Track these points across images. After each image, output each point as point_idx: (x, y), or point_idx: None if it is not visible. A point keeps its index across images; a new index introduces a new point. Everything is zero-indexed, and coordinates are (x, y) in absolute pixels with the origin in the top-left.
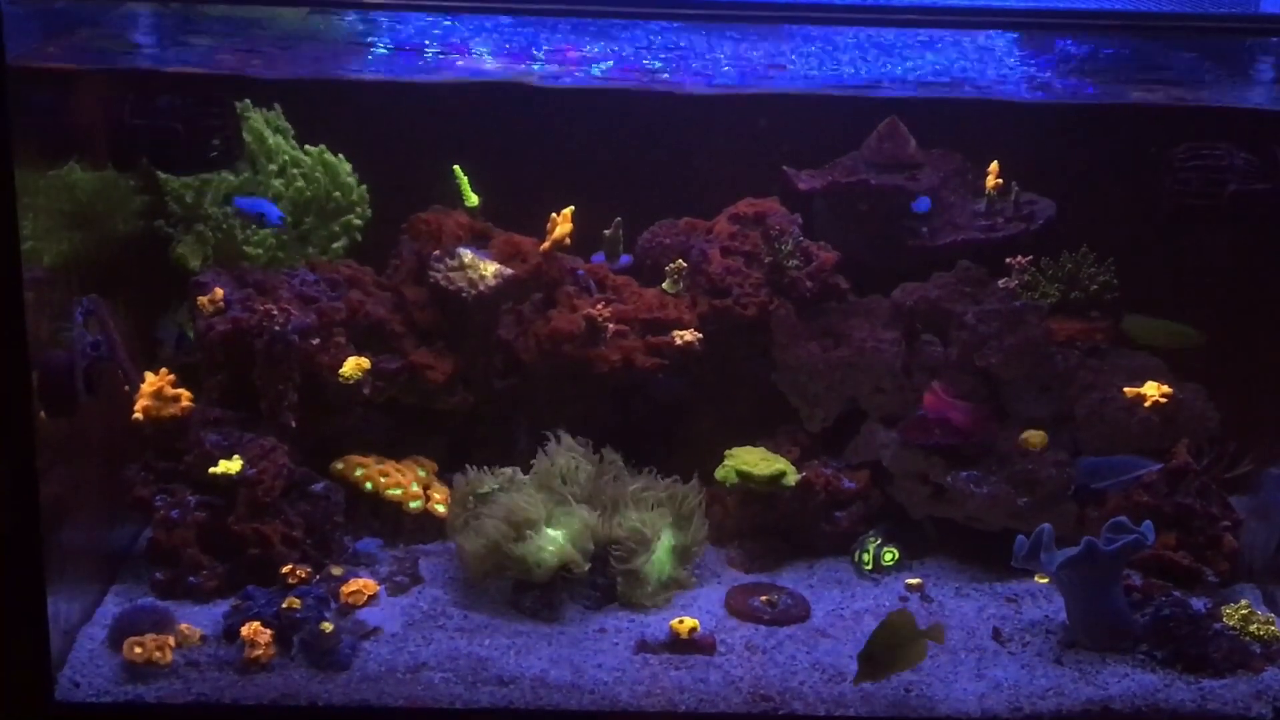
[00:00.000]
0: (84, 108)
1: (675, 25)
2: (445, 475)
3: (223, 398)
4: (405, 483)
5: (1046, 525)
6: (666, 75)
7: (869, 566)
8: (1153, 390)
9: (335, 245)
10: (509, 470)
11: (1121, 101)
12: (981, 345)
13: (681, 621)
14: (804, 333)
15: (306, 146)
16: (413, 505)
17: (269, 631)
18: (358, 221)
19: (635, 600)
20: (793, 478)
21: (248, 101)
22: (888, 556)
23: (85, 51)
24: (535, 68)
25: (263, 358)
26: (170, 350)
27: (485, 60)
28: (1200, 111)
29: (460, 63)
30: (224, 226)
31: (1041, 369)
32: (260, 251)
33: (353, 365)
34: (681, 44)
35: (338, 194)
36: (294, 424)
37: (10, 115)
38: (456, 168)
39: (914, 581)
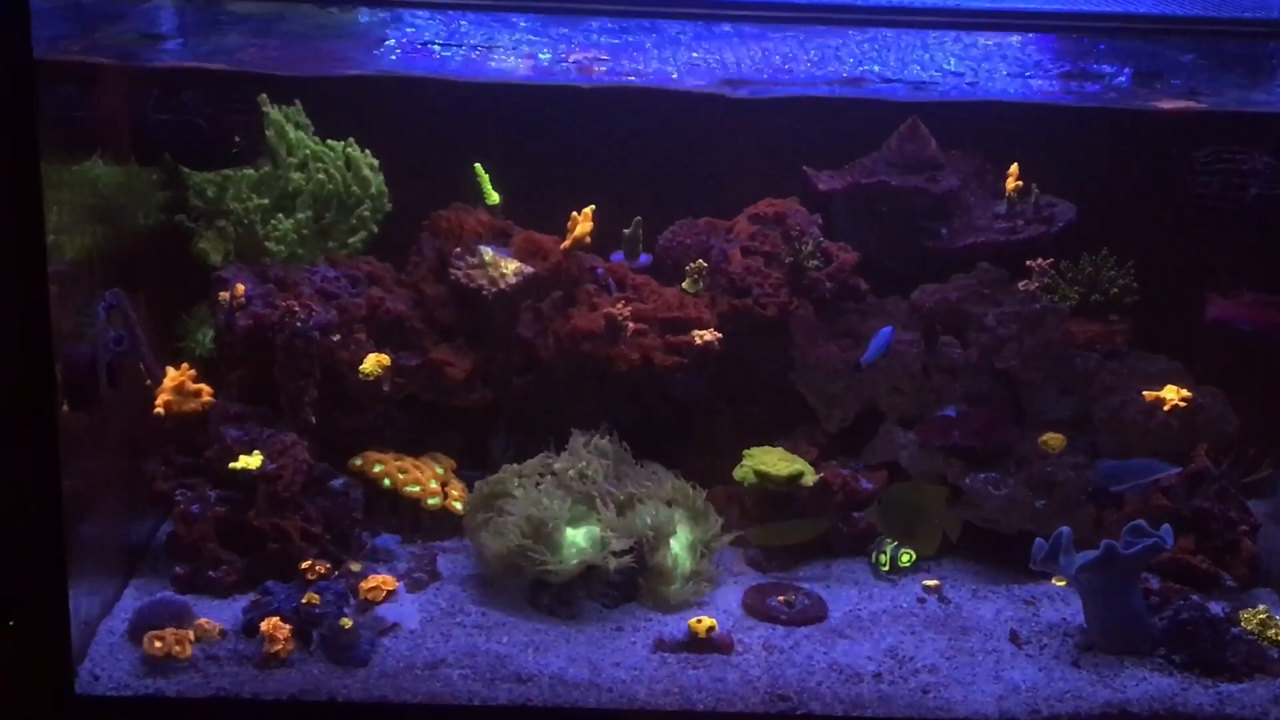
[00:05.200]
0: (108, 102)
1: (698, 24)
2: (463, 472)
3: (243, 393)
4: (423, 479)
5: (1065, 528)
6: (689, 73)
7: (886, 567)
8: (1172, 394)
9: (352, 240)
10: (529, 465)
11: (1143, 106)
12: (1001, 347)
13: (699, 621)
14: (823, 333)
15: (329, 141)
16: (430, 502)
17: (288, 627)
18: (367, 214)
19: (662, 596)
20: (811, 478)
21: (264, 96)
22: (905, 558)
23: (109, 46)
24: (550, 62)
25: (283, 353)
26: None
27: (508, 59)
28: (1222, 115)
29: (480, 58)
30: (245, 222)
31: (1060, 371)
32: (281, 247)
33: (373, 362)
34: (702, 43)
35: (355, 188)
36: (314, 420)
37: (37, 110)
38: (478, 166)
39: (931, 583)
